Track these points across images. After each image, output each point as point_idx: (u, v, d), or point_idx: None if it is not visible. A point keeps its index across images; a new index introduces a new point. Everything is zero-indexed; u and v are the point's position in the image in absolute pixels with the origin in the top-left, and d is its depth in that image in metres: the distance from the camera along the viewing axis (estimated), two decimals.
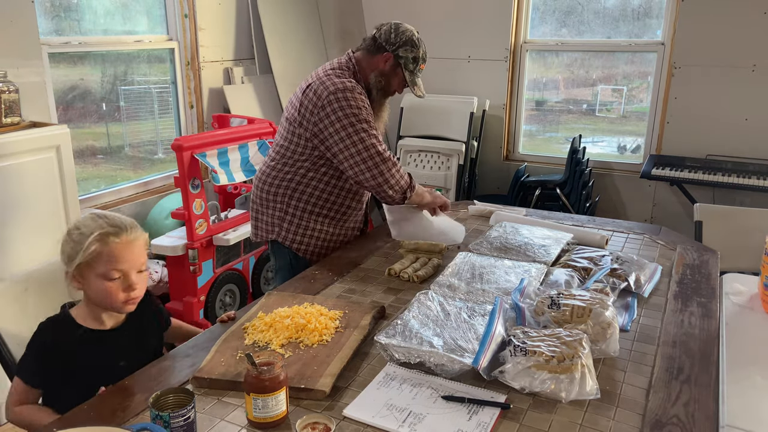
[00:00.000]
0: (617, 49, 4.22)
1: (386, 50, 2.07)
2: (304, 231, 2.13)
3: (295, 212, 2.12)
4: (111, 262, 1.36)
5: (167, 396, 1.12)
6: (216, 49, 3.88)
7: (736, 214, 2.76)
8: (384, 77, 2.09)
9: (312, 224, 2.13)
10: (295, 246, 2.14)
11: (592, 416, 1.20)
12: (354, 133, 1.97)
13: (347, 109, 1.96)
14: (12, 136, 2.45)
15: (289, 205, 2.12)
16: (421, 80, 2.15)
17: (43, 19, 3.01)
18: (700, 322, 1.60)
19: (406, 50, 2.07)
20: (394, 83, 2.12)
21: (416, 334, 1.41)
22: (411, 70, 2.09)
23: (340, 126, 1.97)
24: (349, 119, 1.96)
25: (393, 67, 2.08)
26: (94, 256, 1.35)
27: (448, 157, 4.24)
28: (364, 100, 2.01)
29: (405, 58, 2.07)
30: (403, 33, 2.08)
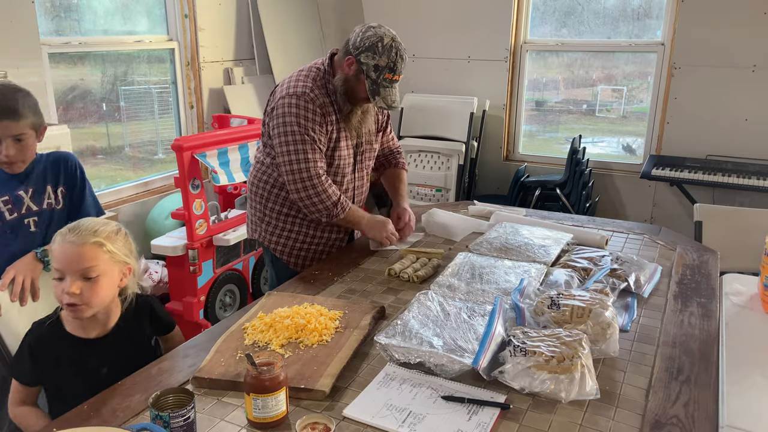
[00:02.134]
0: (617, 50, 4.22)
1: (350, 54, 1.93)
2: (281, 232, 2.12)
3: (271, 213, 2.11)
4: (54, 261, 1.39)
5: (167, 396, 1.13)
6: (216, 50, 3.88)
7: (736, 215, 2.76)
8: (347, 82, 1.96)
9: (288, 226, 2.11)
10: (272, 246, 2.14)
11: (592, 416, 1.20)
12: (285, 143, 1.94)
13: (287, 116, 1.93)
14: None
15: (266, 207, 2.12)
16: (392, 90, 1.95)
17: (44, 19, 3.01)
18: (699, 322, 1.60)
19: (368, 56, 1.90)
20: (360, 90, 1.96)
21: (416, 335, 1.41)
22: (373, 79, 1.91)
23: (277, 132, 1.95)
24: (286, 127, 1.93)
25: (356, 73, 1.93)
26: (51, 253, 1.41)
27: (448, 157, 4.24)
28: (309, 107, 1.92)
29: (366, 65, 1.90)
30: (368, 38, 1.90)
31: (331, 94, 2.00)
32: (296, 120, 1.92)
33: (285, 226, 2.11)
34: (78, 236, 1.38)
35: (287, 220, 2.10)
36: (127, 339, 1.50)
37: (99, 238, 1.39)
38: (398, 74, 1.94)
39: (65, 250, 1.37)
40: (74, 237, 1.38)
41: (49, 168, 1.81)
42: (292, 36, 4.22)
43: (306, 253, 2.15)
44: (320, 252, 2.16)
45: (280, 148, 1.96)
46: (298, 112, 1.92)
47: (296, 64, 4.21)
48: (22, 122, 1.67)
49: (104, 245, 1.40)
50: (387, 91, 1.94)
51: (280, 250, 2.14)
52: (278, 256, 2.15)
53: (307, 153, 1.94)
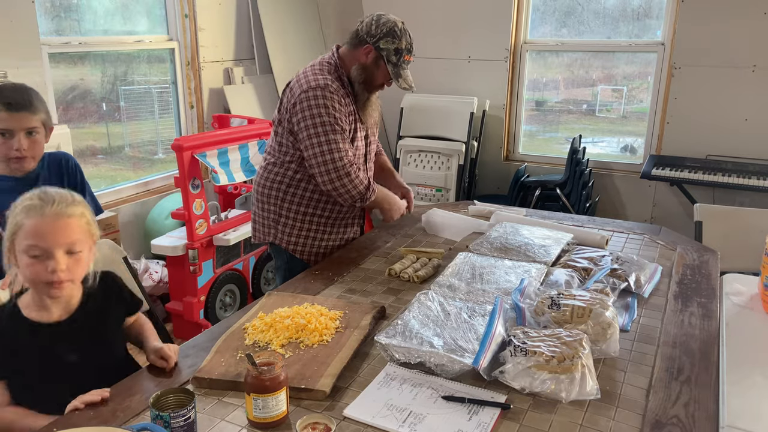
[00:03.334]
0: (617, 50, 4.22)
1: (367, 42, 2.00)
2: (299, 232, 2.13)
3: (288, 214, 2.11)
4: (31, 236, 1.26)
5: (167, 396, 1.13)
6: (216, 50, 3.88)
7: (736, 215, 2.76)
8: (366, 71, 2.03)
9: (307, 225, 2.12)
10: (291, 248, 2.14)
11: (593, 416, 1.20)
12: (315, 135, 1.96)
13: (314, 108, 1.95)
14: None
15: (282, 207, 2.11)
16: (408, 72, 2.07)
17: (44, 19, 3.01)
18: (700, 322, 1.60)
19: (387, 41, 2.00)
20: (378, 76, 2.05)
21: (416, 335, 1.41)
22: (394, 62, 2.02)
23: (305, 125, 1.97)
24: (314, 119, 1.95)
25: (375, 60, 2.02)
26: (17, 230, 1.27)
27: (448, 157, 4.24)
28: (335, 98, 1.97)
29: (387, 50, 2.00)
30: (384, 24, 2.00)
31: (345, 86, 2.04)
32: (325, 111, 1.95)
33: (303, 225, 2.12)
34: (61, 207, 1.28)
35: (305, 219, 2.11)
36: (95, 320, 1.40)
37: (80, 207, 1.32)
38: (413, 55, 2.07)
39: (49, 224, 1.26)
40: (57, 209, 1.27)
41: (53, 171, 1.81)
42: (292, 36, 4.22)
43: (324, 250, 2.17)
44: (336, 248, 2.18)
45: (309, 140, 1.97)
46: (325, 102, 1.95)
47: (296, 64, 4.21)
48: (36, 116, 1.70)
49: (85, 215, 1.33)
50: (406, 72, 2.06)
51: (300, 250, 2.14)
52: (298, 257, 2.15)
53: (339, 143, 1.97)
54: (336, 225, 2.17)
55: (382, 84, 2.08)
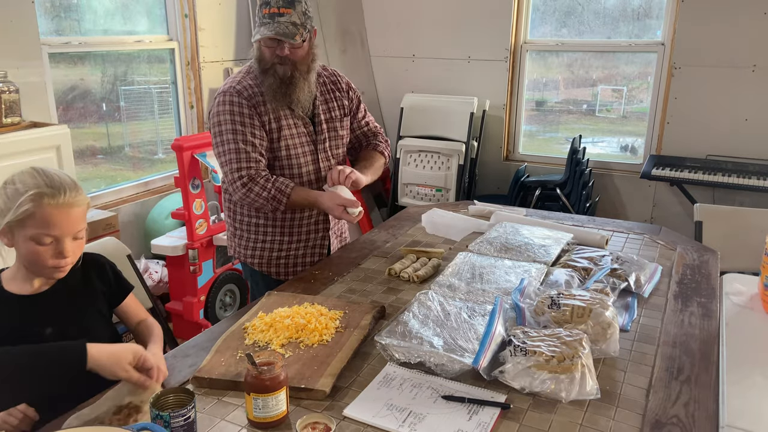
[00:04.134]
0: (617, 50, 4.22)
1: None
2: (255, 245, 2.03)
3: (241, 226, 2.04)
4: (42, 225, 1.26)
5: (167, 396, 1.13)
6: (216, 50, 3.88)
7: (736, 215, 2.76)
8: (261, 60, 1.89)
9: (262, 237, 2.02)
10: (249, 261, 2.06)
11: (592, 416, 1.20)
12: (217, 143, 1.89)
13: (215, 117, 1.89)
14: (12, 136, 2.45)
15: (235, 221, 2.05)
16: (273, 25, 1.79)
17: (44, 19, 3.01)
18: (700, 322, 1.60)
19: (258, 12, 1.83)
20: (267, 53, 1.86)
21: (416, 334, 1.41)
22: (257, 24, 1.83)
23: (212, 132, 1.91)
24: (214, 128, 1.89)
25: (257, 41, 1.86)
26: (25, 217, 1.25)
27: (448, 157, 4.24)
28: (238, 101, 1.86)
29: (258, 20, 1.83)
30: None
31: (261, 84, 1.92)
32: (225, 117, 1.87)
33: (258, 237, 2.02)
34: (71, 195, 1.28)
35: (258, 230, 2.02)
36: (72, 293, 1.40)
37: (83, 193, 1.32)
38: (273, 6, 1.79)
39: (62, 214, 1.27)
40: (69, 198, 1.28)
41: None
42: None
43: (286, 260, 2.05)
44: (302, 256, 2.06)
45: (215, 149, 1.91)
46: (225, 108, 1.87)
47: None
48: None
49: (87, 201, 1.34)
50: (267, 27, 1.79)
51: (258, 262, 2.05)
52: (257, 269, 2.06)
53: (240, 152, 1.85)
54: (293, 234, 2.03)
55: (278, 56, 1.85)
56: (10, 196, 1.27)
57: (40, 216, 1.26)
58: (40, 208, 1.26)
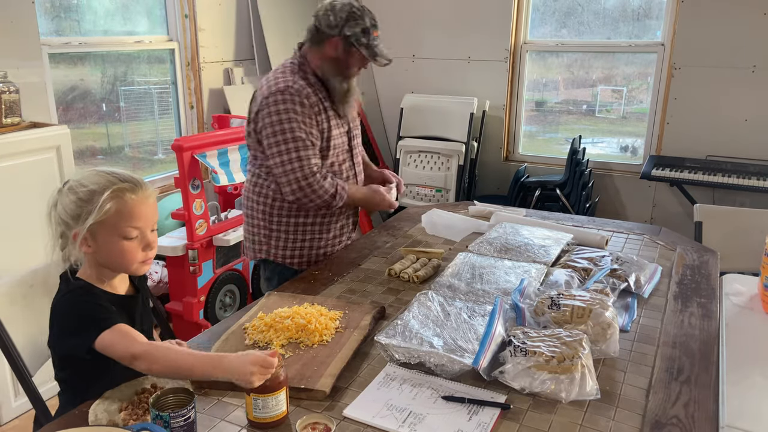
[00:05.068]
0: (617, 50, 4.22)
1: (331, 35, 1.93)
2: (293, 245, 2.06)
3: (279, 227, 2.05)
4: (129, 219, 1.27)
5: (167, 396, 1.13)
6: (216, 50, 3.88)
7: (736, 215, 2.76)
8: (338, 62, 1.96)
9: (300, 236, 2.06)
10: (288, 261, 2.08)
11: (592, 416, 1.20)
12: (275, 143, 1.90)
13: (274, 115, 1.89)
14: (12, 136, 2.45)
15: (272, 222, 2.05)
16: (382, 46, 1.97)
17: (44, 20, 3.01)
18: (700, 322, 1.60)
19: (351, 26, 1.90)
20: (353, 63, 1.97)
21: (416, 335, 1.41)
22: (365, 44, 1.93)
23: (266, 134, 1.92)
24: (274, 127, 1.89)
25: (345, 49, 1.93)
26: (111, 214, 1.25)
27: (448, 157, 4.24)
28: (296, 99, 1.90)
29: (354, 35, 1.91)
30: (340, 10, 1.92)
31: (313, 84, 1.97)
32: (286, 116, 1.88)
33: (297, 237, 2.05)
34: (146, 189, 1.31)
35: (297, 229, 2.05)
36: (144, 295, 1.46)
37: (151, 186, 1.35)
38: (377, 30, 1.97)
39: (145, 206, 1.29)
40: (144, 192, 1.30)
41: None
42: (292, 36, 4.22)
43: (323, 258, 2.11)
44: (332, 252, 2.14)
45: (270, 150, 1.92)
46: (286, 107, 1.88)
47: None
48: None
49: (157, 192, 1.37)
50: (380, 48, 1.97)
51: (297, 262, 2.08)
52: (296, 268, 2.08)
53: (299, 151, 1.90)
54: (330, 230, 2.10)
55: (357, 69, 2.00)
56: (85, 198, 1.25)
57: (126, 211, 1.26)
58: (124, 204, 1.26)
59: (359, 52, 1.93)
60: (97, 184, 1.26)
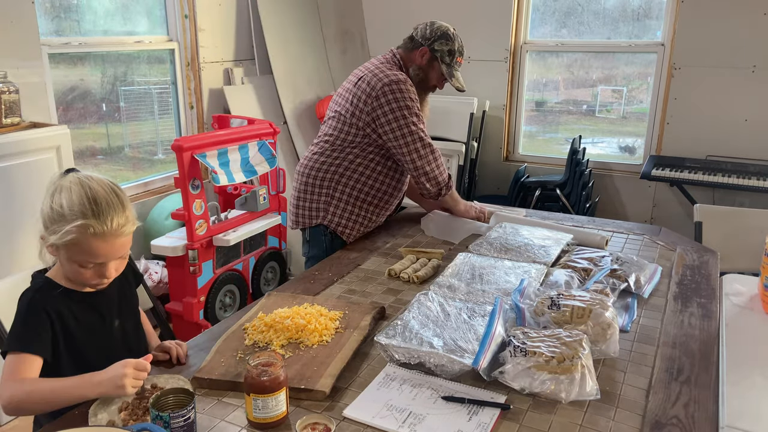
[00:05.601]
0: (617, 50, 4.22)
1: (422, 45, 2.18)
2: (349, 215, 2.23)
3: (341, 197, 2.21)
4: (87, 255, 1.25)
5: (167, 396, 1.13)
6: (216, 50, 3.88)
7: (736, 215, 2.76)
8: (422, 71, 2.20)
9: (357, 210, 2.23)
10: (340, 230, 2.24)
11: (592, 417, 1.20)
12: (405, 125, 2.10)
13: (401, 101, 2.09)
14: (12, 136, 2.45)
15: (335, 190, 2.21)
16: (460, 74, 2.24)
17: (44, 20, 3.01)
18: (700, 322, 1.60)
19: (441, 43, 2.17)
20: (433, 77, 2.22)
21: (416, 335, 1.41)
22: (447, 63, 2.19)
23: (393, 117, 2.10)
24: (402, 111, 2.10)
25: (430, 61, 2.19)
26: (70, 245, 1.24)
27: (448, 157, 4.24)
28: (412, 90, 2.12)
29: (441, 51, 2.17)
30: (438, 28, 2.20)
31: None
32: (410, 103, 2.10)
33: (354, 210, 2.23)
34: (118, 226, 1.25)
35: (356, 203, 2.23)
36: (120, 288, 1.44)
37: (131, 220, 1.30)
38: (462, 57, 2.24)
39: (108, 245, 1.26)
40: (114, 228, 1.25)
41: None
42: (292, 36, 4.22)
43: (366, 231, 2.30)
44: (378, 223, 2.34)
45: (396, 132, 2.11)
46: (408, 95, 2.10)
47: (296, 64, 4.21)
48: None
49: (135, 224, 1.32)
50: (458, 73, 2.24)
51: (348, 233, 2.25)
52: (344, 239, 2.25)
53: (424, 130, 2.16)
54: (380, 214, 2.30)
55: (434, 86, 2.25)
56: (54, 217, 1.25)
57: (85, 247, 1.24)
58: (85, 239, 1.24)
59: (440, 68, 2.19)
60: (70, 208, 1.24)
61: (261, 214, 3.37)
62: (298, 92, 4.19)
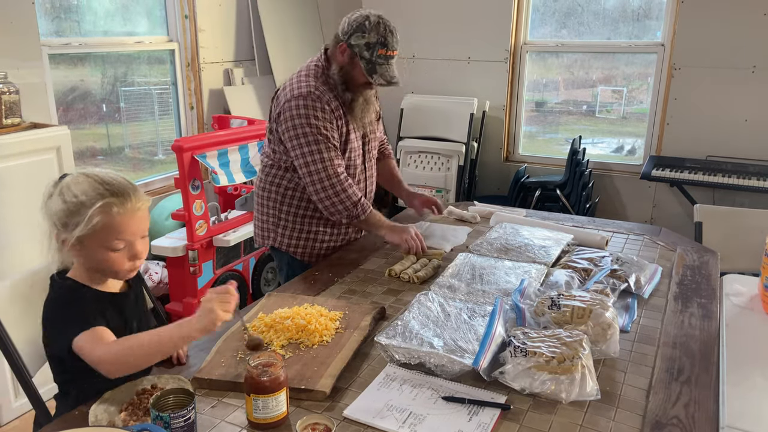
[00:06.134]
0: (617, 50, 4.22)
1: (341, 41, 1.94)
2: (299, 235, 2.11)
3: (287, 217, 2.10)
4: (116, 233, 1.27)
5: (168, 397, 1.13)
6: (216, 51, 3.88)
7: (736, 215, 2.76)
8: (343, 70, 1.96)
9: (307, 227, 2.11)
10: (292, 250, 2.13)
11: (593, 417, 1.20)
12: (299, 145, 1.93)
13: (296, 119, 1.92)
14: (12, 137, 2.45)
15: (281, 211, 2.10)
16: (390, 67, 1.94)
17: (44, 21, 3.01)
18: (700, 323, 1.60)
19: (357, 37, 1.90)
20: (357, 75, 1.95)
21: (416, 335, 1.41)
22: (367, 58, 1.90)
23: (288, 136, 1.95)
24: (296, 130, 1.92)
25: (350, 58, 1.93)
26: (97, 229, 1.25)
27: (448, 158, 4.24)
28: (317, 105, 1.92)
29: (358, 46, 1.90)
30: (355, 20, 1.91)
31: (333, 88, 1.99)
32: (306, 121, 1.91)
33: (303, 227, 2.10)
34: (137, 200, 1.29)
35: (304, 221, 2.10)
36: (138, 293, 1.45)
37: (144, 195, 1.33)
38: (391, 49, 1.93)
39: (131, 218, 1.28)
40: (134, 204, 1.28)
41: None
42: (292, 36, 4.22)
43: (326, 252, 2.15)
44: (338, 248, 2.17)
45: (294, 152, 1.95)
46: (307, 112, 1.91)
47: (296, 64, 4.19)
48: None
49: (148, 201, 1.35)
50: (383, 68, 1.93)
51: (300, 252, 2.13)
52: (299, 259, 2.13)
53: (323, 153, 1.93)
54: (336, 226, 2.15)
55: (366, 83, 1.97)
56: (72, 210, 1.25)
57: (113, 226, 1.26)
58: (111, 218, 1.26)
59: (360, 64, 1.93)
60: (86, 195, 1.25)
61: None
62: None
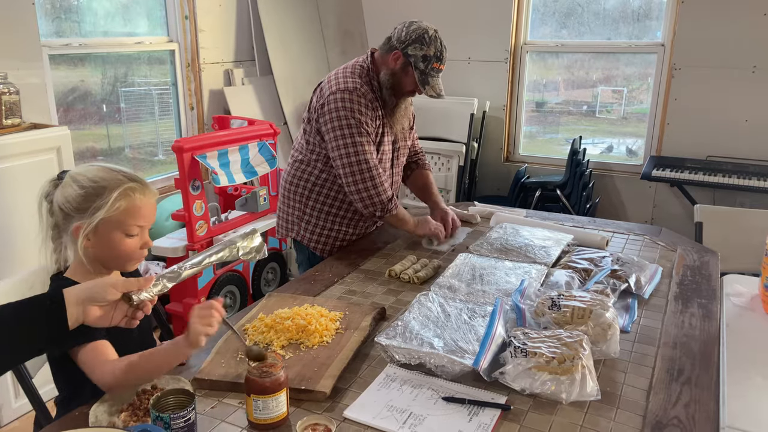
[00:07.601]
0: (617, 51, 4.22)
1: (396, 48, 2.03)
2: (321, 231, 2.17)
3: (312, 212, 2.16)
4: (136, 218, 1.30)
5: (168, 397, 1.12)
6: (216, 51, 3.88)
7: (737, 215, 2.76)
8: (394, 76, 2.05)
9: (329, 225, 2.17)
10: (312, 245, 2.19)
11: (593, 417, 1.20)
12: (341, 136, 1.99)
13: (341, 111, 1.98)
14: (12, 137, 2.45)
15: (306, 206, 2.16)
16: (439, 80, 2.07)
17: (44, 21, 3.01)
18: (700, 323, 1.60)
19: (416, 48, 2.01)
20: (406, 83, 2.06)
21: (416, 336, 1.41)
22: (421, 69, 2.02)
23: (331, 126, 2.00)
24: (340, 121, 1.98)
25: (403, 66, 2.03)
26: (120, 212, 1.27)
27: (448, 158, 4.24)
28: (362, 102, 2.00)
29: (414, 56, 2.01)
30: (414, 31, 2.03)
31: (375, 90, 2.07)
32: (351, 114, 1.98)
33: (326, 224, 2.16)
34: (151, 190, 1.34)
35: (328, 218, 2.16)
36: None
37: None
38: (443, 64, 2.05)
39: (149, 206, 1.33)
40: (150, 192, 1.34)
41: None
42: (292, 37, 4.22)
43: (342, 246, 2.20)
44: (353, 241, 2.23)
45: (335, 142, 2.00)
46: (352, 106, 1.98)
47: (296, 64, 4.21)
48: None
49: None
50: (435, 80, 2.05)
51: (320, 248, 2.19)
52: (318, 254, 2.19)
53: (364, 146, 1.99)
54: (356, 227, 2.21)
55: (411, 91, 2.08)
56: (92, 194, 1.27)
57: (134, 210, 1.30)
58: (133, 202, 1.29)
59: (413, 73, 2.02)
60: (107, 180, 1.28)
61: (261, 215, 3.37)
62: (299, 93, 4.20)
